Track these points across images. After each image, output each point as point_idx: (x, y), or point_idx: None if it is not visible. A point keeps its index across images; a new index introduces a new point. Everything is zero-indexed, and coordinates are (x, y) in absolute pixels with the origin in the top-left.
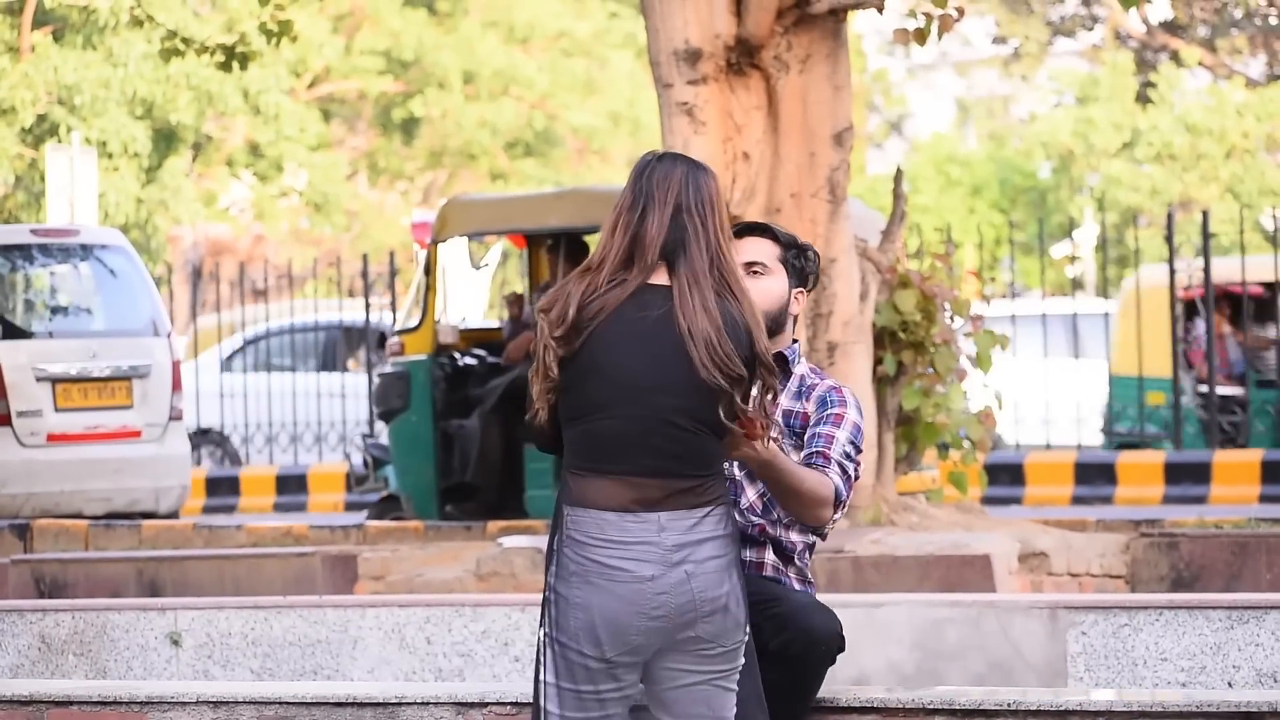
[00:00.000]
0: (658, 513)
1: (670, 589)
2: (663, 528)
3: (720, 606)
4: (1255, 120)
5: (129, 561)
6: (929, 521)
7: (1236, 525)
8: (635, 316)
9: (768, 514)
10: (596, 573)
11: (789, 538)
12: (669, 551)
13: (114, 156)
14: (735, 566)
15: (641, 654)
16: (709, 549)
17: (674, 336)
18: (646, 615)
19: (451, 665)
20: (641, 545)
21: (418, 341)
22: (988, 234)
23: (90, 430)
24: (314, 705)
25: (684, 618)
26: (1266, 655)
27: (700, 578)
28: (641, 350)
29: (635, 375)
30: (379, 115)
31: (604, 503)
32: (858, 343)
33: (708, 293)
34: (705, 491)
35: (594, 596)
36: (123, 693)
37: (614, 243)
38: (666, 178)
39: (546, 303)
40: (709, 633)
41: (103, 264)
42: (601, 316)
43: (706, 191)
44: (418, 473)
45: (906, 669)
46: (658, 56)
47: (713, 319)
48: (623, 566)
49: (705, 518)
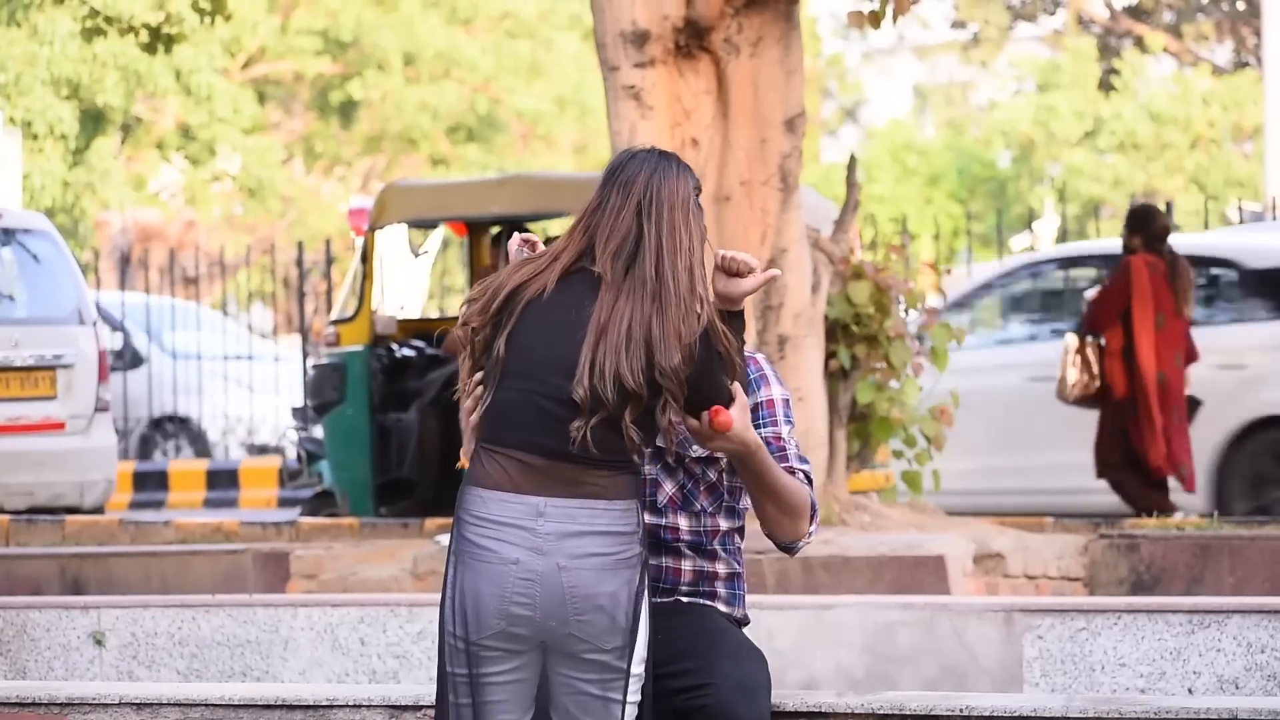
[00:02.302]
0: (541, 497)
1: (538, 578)
2: (541, 513)
3: (594, 606)
4: (1221, 109)
5: (51, 558)
6: (881, 521)
7: (1198, 526)
8: (563, 304)
9: (687, 506)
10: (468, 552)
11: (714, 525)
12: (543, 539)
13: (39, 138)
14: (627, 570)
15: (518, 644)
16: (592, 544)
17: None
18: (509, 600)
19: (386, 667)
20: (514, 528)
21: (354, 332)
22: (945, 225)
23: (11, 422)
24: (242, 708)
25: (556, 612)
26: (1228, 661)
27: (575, 572)
28: (559, 336)
29: (544, 356)
30: (316, 98)
31: (489, 481)
32: (809, 336)
33: (641, 304)
34: (601, 483)
35: (464, 576)
36: (43, 694)
37: (571, 241)
38: (630, 180)
39: (476, 292)
40: (585, 633)
41: (26, 249)
42: (530, 299)
43: (668, 197)
44: (353, 468)
45: (857, 673)
46: (604, 38)
47: (633, 331)
48: (490, 547)
49: (596, 511)
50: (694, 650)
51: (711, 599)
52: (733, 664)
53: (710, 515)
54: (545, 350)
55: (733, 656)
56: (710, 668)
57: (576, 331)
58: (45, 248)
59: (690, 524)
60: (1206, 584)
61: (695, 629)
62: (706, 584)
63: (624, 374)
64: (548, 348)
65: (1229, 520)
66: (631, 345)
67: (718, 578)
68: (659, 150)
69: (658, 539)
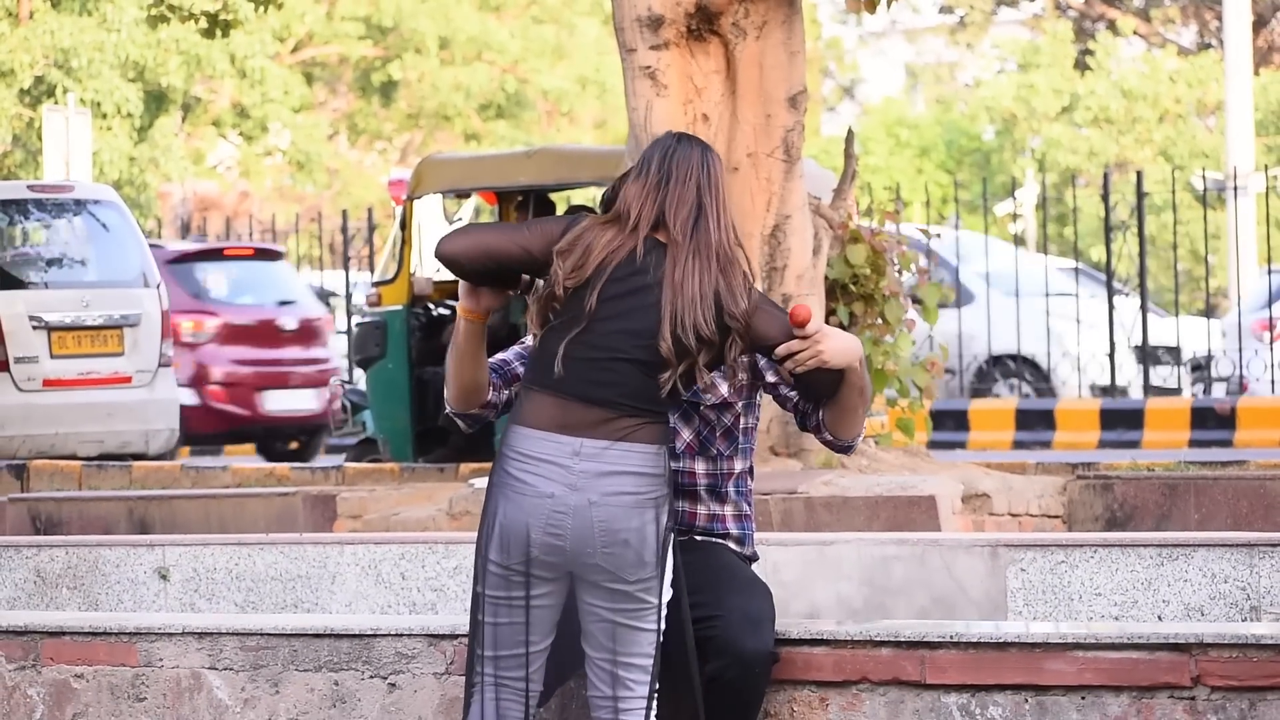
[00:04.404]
0: (579, 438)
1: (571, 511)
2: (578, 452)
3: (620, 540)
4: (1187, 86)
5: (120, 500)
6: (878, 465)
7: (1167, 468)
8: (636, 270)
9: (705, 451)
10: (508, 484)
11: (729, 468)
12: (578, 476)
13: (108, 117)
14: (653, 508)
15: (549, 570)
16: (622, 483)
17: (659, 295)
18: (543, 529)
19: (425, 599)
20: (552, 465)
21: (394, 293)
22: (935, 193)
23: (84, 376)
24: (294, 637)
25: (585, 544)
26: (1194, 590)
27: (604, 508)
28: (627, 298)
29: (609, 316)
30: (359, 79)
31: (533, 420)
32: (811, 295)
33: (710, 264)
34: (636, 427)
35: (502, 505)
36: (113, 624)
37: (644, 212)
38: (687, 159)
39: (566, 245)
40: (610, 563)
41: (96, 218)
42: (609, 268)
43: (717, 174)
44: (394, 417)
45: (855, 604)
46: (622, 23)
47: (704, 287)
48: (529, 480)
49: (627, 454)
50: (705, 585)
51: (724, 538)
52: (740, 599)
53: (726, 459)
54: (624, 310)
55: (740, 592)
56: (719, 601)
57: (651, 294)
58: (113, 217)
59: (707, 468)
60: (1174, 520)
61: (707, 565)
62: (720, 525)
63: (700, 324)
64: (626, 309)
65: (1194, 463)
66: (704, 300)
67: (728, 519)
68: (697, 138)
69: (677, 484)
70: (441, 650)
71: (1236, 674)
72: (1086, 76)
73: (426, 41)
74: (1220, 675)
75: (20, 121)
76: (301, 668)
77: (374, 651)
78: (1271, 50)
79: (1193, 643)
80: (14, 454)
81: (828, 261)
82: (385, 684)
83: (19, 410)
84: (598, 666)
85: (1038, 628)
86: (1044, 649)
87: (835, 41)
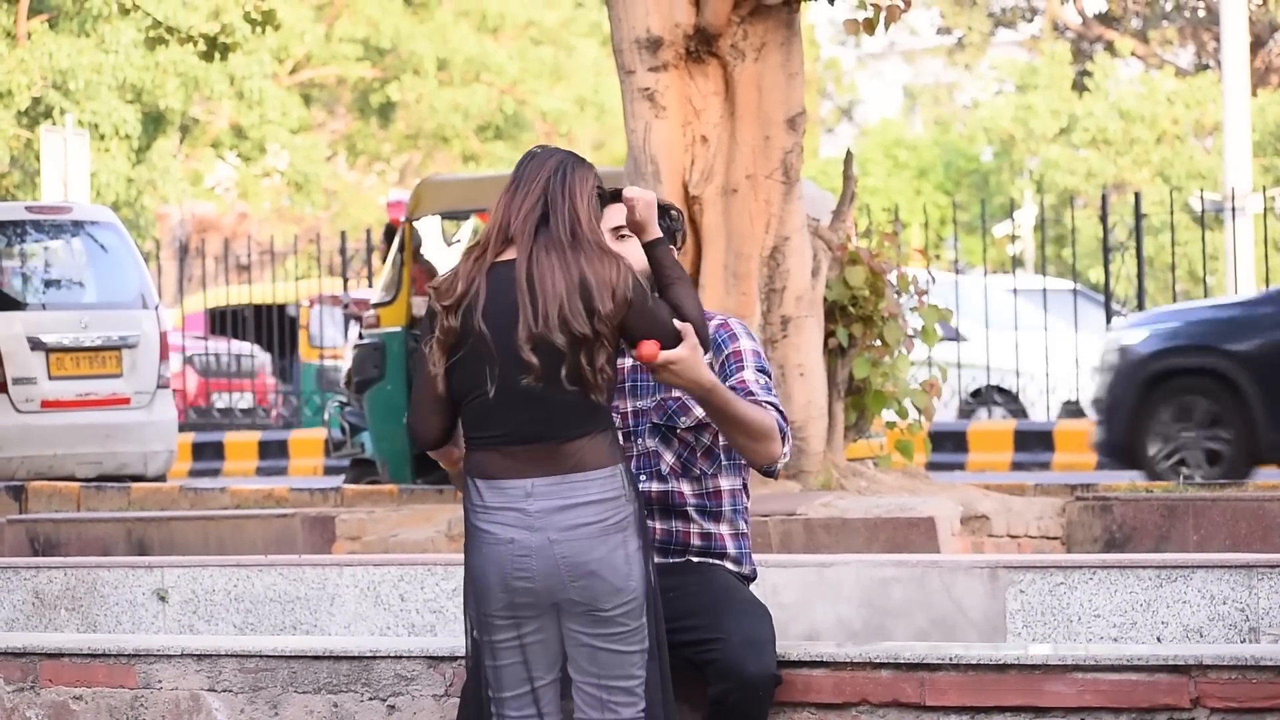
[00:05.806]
0: (529, 479)
1: (533, 552)
2: (530, 494)
3: (587, 572)
4: (1184, 107)
5: (118, 522)
6: (877, 486)
7: (1165, 489)
8: (497, 289)
9: (688, 472)
10: (474, 535)
11: (715, 486)
12: (534, 517)
13: (105, 138)
14: (617, 534)
15: (527, 610)
16: (580, 514)
17: (517, 300)
18: (510, 575)
19: (424, 621)
20: (507, 510)
21: (393, 314)
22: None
23: (82, 397)
24: (293, 658)
25: (554, 581)
26: (1193, 612)
27: (565, 544)
28: (498, 320)
29: (494, 345)
30: (357, 100)
31: (480, 472)
32: (810, 316)
33: (564, 256)
34: (580, 454)
35: (473, 557)
36: (112, 646)
37: (492, 223)
38: (540, 166)
39: (438, 282)
40: (583, 595)
41: (94, 240)
42: (473, 291)
43: (572, 177)
44: (392, 439)
45: (855, 625)
46: (620, 45)
47: (567, 278)
48: (489, 530)
49: (581, 482)
50: (704, 608)
51: (720, 558)
52: (740, 621)
53: (711, 478)
54: (497, 340)
55: (740, 614)
56: (719, 624)
57: (511, 311)
58: (111, 239)
59: (693, 489)
60: (1173, 541)
61: (705, 587)
62: (717, 544)
63: (569, 317)
64: (499, 337)
65: (1193, 484)
66: (569, 291)
67: (725, 538)
68: (566, 150)
69: (667, 504)
70: (441, 672)
71: (1236, 695)
72: (1084, 98)
73: (425, 63)
74: (1220, 696)
75: (18, 143)
76: (301, 689)
77: (373, 673)
78: (1269, 71)
79: (1192, 664)
80: (12, 475)
81: (826, 283)
82: (384, 706)
83: (17, 431)
84: (583, 690)
85: (1037, 649)
86: (1043, 671)
87: (834, 63)
